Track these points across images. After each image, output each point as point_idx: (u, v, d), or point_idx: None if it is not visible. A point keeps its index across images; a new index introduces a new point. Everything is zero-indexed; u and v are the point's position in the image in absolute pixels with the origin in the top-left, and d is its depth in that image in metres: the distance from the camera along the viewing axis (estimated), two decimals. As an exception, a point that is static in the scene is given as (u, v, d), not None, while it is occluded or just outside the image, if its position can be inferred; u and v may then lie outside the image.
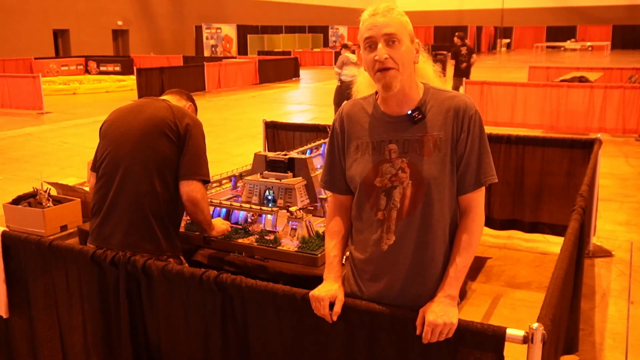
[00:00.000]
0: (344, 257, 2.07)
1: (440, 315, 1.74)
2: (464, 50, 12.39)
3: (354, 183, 1.94)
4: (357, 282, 1.97)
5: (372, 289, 1.93)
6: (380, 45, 1.81)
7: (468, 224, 1.89)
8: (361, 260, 1.95)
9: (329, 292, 1.88)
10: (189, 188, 2.55)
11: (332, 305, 1.87)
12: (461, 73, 12.33)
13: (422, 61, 1.98)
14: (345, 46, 11.49)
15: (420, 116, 1.87)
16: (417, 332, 1.77)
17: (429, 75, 2.00)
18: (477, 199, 1.90)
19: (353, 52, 11.24)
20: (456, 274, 1.84)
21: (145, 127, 2.56)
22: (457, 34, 13.04)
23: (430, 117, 1.87)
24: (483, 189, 1.91)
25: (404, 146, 1.87)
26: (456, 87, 11.74)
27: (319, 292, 1.89)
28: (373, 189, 1.89)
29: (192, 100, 2.94)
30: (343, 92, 10.70)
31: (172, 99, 2.81)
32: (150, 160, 2.52)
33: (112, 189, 2.54)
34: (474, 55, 12.49)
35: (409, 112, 1.88)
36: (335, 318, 1.87)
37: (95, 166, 2.66)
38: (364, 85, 2.04)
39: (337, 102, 11.04)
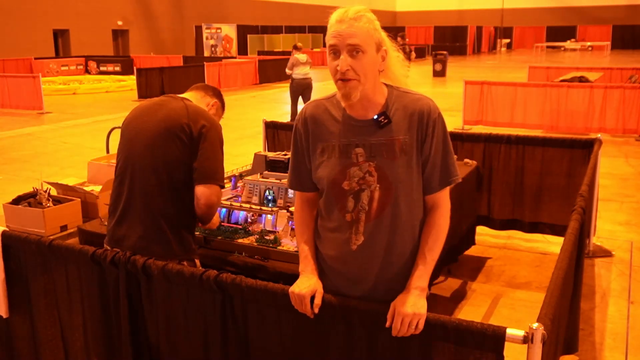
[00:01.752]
0: None
1: (410, 305, 1.78)
2: (406, 49, 14.23)
3: (322, 185, 1.97)
4: (329, 278, 2.00)
5: (344, 285, 1.96)
6: (342, 56, 1.81)
7: (436, 219, 1.94)
8: (331, 257, 1.99)
9: (309, 287, 1.90)
10: (208, 192, 2.49)
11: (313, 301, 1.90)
12: None
13: (392, 64, 1.97)
14: (295, 47, 12.27)
15: (386, 121, 1.89)
16: (387, 324, 1.80)
17: (397, 77, 2.01)
18: (443, 197, 1.96)
19: (303, 53, 12.14)
20: (425, 267, 1.89)
21: (158, 129, 2.50)
22: (399, 34, 15.42)
23: (395, 121, 1.90)
24: (448, 187, 1.96)
25: (370, 150, 1.89)
26: None
27: (299, 288, 1.90)
28: (341, 192, 1.92)
29: (218, 96, 2.82)
30: (296, 89, 11.77)
31: (195, 95, 2.74)
32: (159, 163, 2.47)
33: (125, 190, 2.51)
34: (412, 54, 14.54)
35: (375, 117, 1.90)
36: (317, 311, 1.89)
37: (116, 165, 2.63)
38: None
39: (294, 100, 11.94)
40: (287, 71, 11.82)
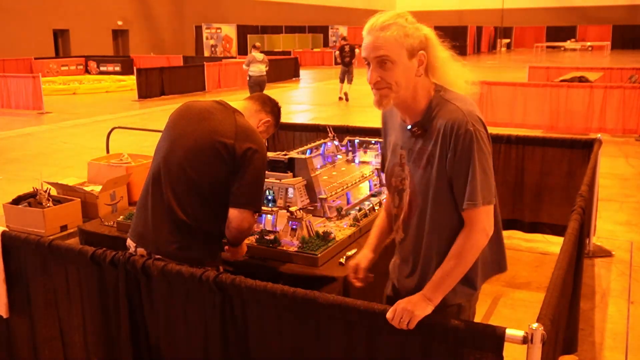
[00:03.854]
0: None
1: (410, 302, 1.80)
2: (347, 48, 15.93)
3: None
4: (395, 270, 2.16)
5: (401, 279, 2.10)
6: (371, 68, 1.82)
7: (464, 235, 1.85)
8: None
9: (355, 259, 2.16)
10: (240, 217, 2.41)
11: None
12: (345, 64, 15.95)
13: (440, 64, 1.92)
14: (254, 46, 13.63)
15: (419, 132, 1.90)
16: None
17: (450, 79, 1.95)
18: (472, 217, 1.83)
19: (261, 52, 13.57)
20: (440, 278, 1.84)
21: (201, 141, 2.41)
22: (341, 35, 18.99)
23: (430, 131, 1.87)
24: (481, 208, 1.81)
25: (408, 155, 1.95)
26: (343, 74, 15.90)
27: (351, 260, 2.16)
28: (391, 185, 2.05)
29: (275, 114, 2.71)
30: (252, 85, 13.07)
31: (250, 107, 2.63)
32: (197, 175, 2.40)
33: (158, 191, 2.44)
34: (356, 51, 15.74)
35: (409, 127, 1.93)
36: (359, 281, 2.14)
37: (153, 157, 2.56)
38: None
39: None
40: (244, 67, 13.30)
